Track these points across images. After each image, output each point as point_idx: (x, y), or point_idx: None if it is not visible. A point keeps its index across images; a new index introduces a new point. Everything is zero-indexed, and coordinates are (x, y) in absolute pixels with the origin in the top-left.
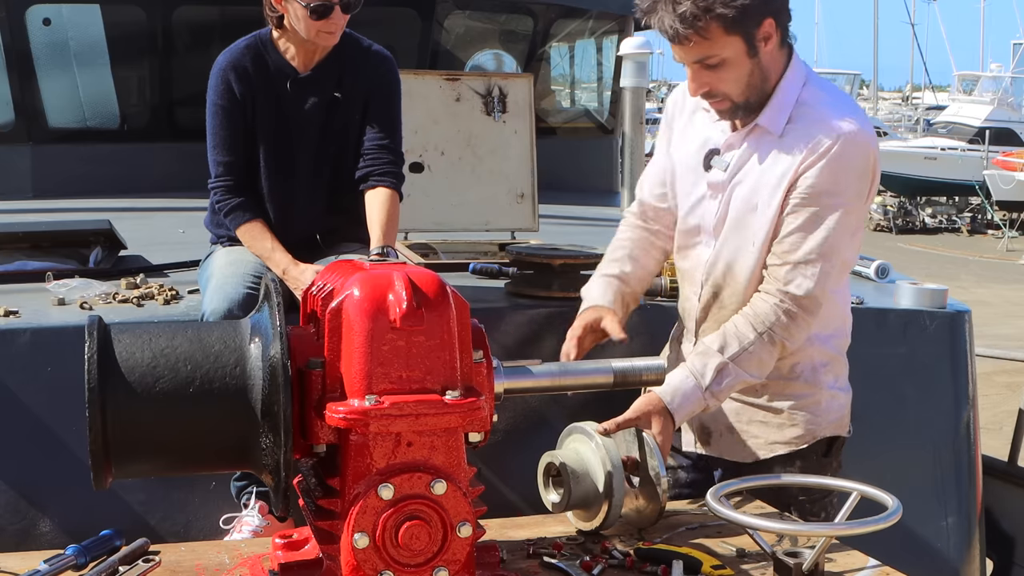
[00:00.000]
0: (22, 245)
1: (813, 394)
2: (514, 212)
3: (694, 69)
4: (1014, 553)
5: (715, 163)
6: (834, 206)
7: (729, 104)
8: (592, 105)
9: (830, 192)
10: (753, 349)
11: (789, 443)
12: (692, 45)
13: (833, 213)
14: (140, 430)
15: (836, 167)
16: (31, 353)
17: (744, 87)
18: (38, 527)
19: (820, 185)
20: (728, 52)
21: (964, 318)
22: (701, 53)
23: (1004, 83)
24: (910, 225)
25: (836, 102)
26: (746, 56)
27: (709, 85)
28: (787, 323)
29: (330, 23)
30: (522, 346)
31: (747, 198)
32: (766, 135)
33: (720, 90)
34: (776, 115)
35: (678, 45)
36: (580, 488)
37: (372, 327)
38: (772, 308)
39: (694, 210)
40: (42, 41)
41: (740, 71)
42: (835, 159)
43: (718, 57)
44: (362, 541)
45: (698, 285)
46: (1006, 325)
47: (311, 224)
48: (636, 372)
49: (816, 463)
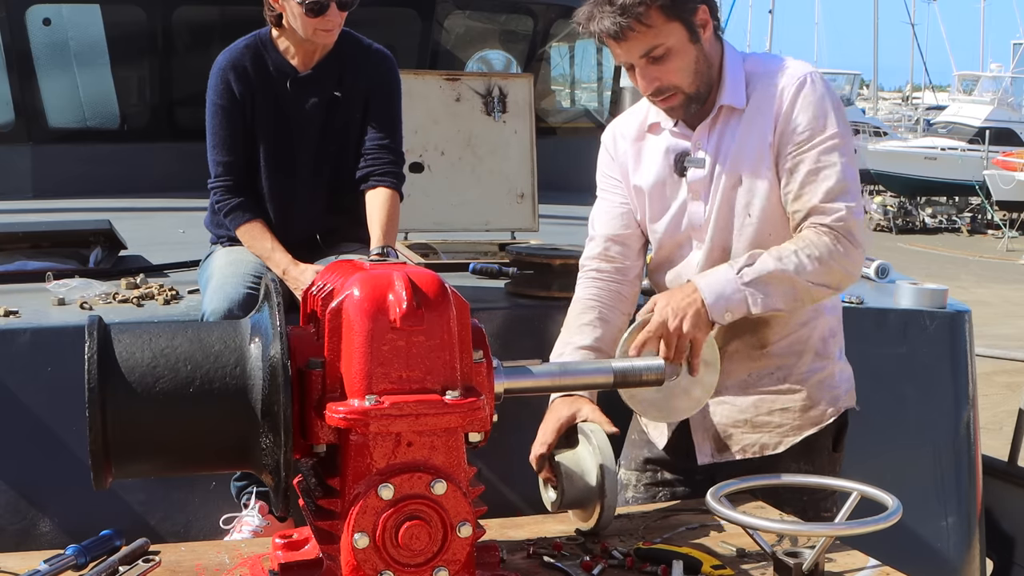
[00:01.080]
0: (22, 245)
1: (826, 366)
2: (514, 212)
3: (641, 65)
4: (1014, 553)
5: (690, 163)
6: (830, 144)
7: (681, 97)
8: (592, 105)
9: (818, 130)
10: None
11: (814, 423)
12: (636, 37)
13: (832, 151)
14: (140, 430)
15: (810, 105)
16: (31, 353)
17: (693, 75)
18: (38, 527)
19: (806, 126)
20: (672, 40)
21: (964, 318)
22: (646, 44)
23: (1004, 83)
24: (910, 225)
25: (780, 60)
26: (689, 42)
27: (659, 79)
28: (835, 247)
29: (327, 20)
30: (522, 346)
31: (729, 174)
32: (732, 114)
33: (671, 82)
34: (735, 90)
35: (622, 41)
36: (574, 488)
37: (372, 327)
38: (817, 232)
39: (676, 220)
40: (42, 41)
41: (686, 59)
42: (807, 97)
43: (663, 46)
44: (362, 541)
45: None
46: (1006, 325)
47: (311, 224)
48: (636, 372)
49: (827, 459)
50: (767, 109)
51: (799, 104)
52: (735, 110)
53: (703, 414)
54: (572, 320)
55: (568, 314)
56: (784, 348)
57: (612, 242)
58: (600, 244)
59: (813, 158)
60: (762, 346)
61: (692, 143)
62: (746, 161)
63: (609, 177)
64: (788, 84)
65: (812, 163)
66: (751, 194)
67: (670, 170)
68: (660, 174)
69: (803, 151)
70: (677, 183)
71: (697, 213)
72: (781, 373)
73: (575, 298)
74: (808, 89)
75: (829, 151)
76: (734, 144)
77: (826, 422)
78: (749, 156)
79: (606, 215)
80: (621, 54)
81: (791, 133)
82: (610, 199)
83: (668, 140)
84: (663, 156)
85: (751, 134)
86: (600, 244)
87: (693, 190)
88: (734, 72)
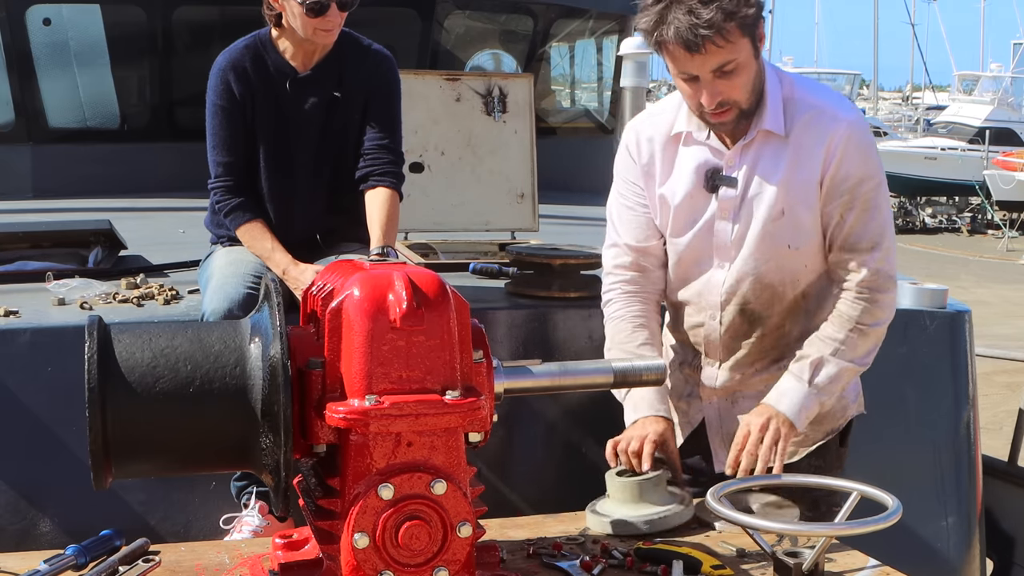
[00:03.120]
0: (22, 245)
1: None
2: (514, 212)
3: (709, 79)
4: (1014, 553)
5: (721, 182)
6: (874, 189)
7: (735, 112)
8: (592, 105)
9: (866, 178)
10: (847, 343)
11: (827, 432)
12: (714, 51)
13: (876, 195)
14: (140, 430)
15: (858, 152)
16: (31, 353)
17: (751, 91)
18: (38, 527)
19: (855, 174)
20: (743, 55)
21: (964, 318)
22: (721, 59)
23: (1004, 83)
24: (910, 225)
25: (817, 90)
26: (753, 58)
27: (723, 94)
28: (871, 309)
29: (326, 20)
30: (522, 346)
31: (771, 205)
32: (771, 139)
33: (732, 98)
34: (775, 116)
35: (696, 54)
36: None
37: (372, 327)
38: (852, 304)
39: (700, 235)
40: (42, 41)
41: (750, 74)
42: (854, 146)
43: (735, 62)
44: (362, 541)
45: (715, 308)
46: (1006, 325)
47: (311, 224)
48: (636, 372)
49: (835, 454)
50: (816, 149)
51: (851, 151)
52: (772, 135)
53: (720, 422)
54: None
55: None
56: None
57: (640, 253)
58: (628, 253)
59: (860, 207)
60: (780, 359)
61: (725, 161)
62: (792, 195)
63: (630, 183)
64: (841, 133)
65: (858, 212)
66: (795, 229)
67: (699, 185)
68: (689, 188)
69: (852, 199)
70: (706, 199)
71: (724, 232)
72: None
73: (616, 312)
74: (860, 137)
75: (874, 199)
76: (778, 175)
77: (838, 430)
78: (796, 191)
79: (632, 223)
80: (690, 67)
81: (842, 180)
82: (633, 207)
83: (700, 155)
84: (694, 171)
85: (799, 170)
86: (628, 253)
87: (723, 209)
88: (773, 96)
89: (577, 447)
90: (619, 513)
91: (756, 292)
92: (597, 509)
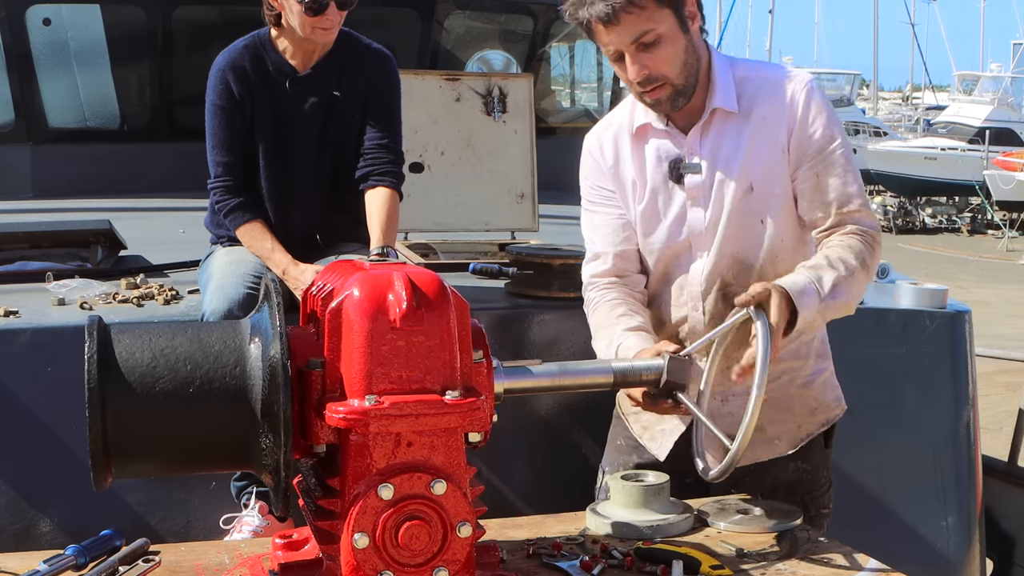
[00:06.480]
0: (22, 245)
1: (827, 367)
2: (514, 212)
3: (631, 51)
4: (1014, 553)
5: (685, 169)
6: (843, 146)
7: (669, 89)
8: (592, 105)
9: (830, 138)
10: (856, 273)
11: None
12: (628, 20)
13: (847, 153)
14: (140, 430)
15: (817, 107)
16: (31, 353)
17: (682, 66)
18: (38, 527)
19: (818, 137)
20: (662, 26)
21: (964, 318)
22: (638, 28)
23: (1004, 83)
24: (910, 225)
25: (776, 66)
26: (679, 31)
27: (649, 67)
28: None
29: (325, 19)
30: (522, 346)
31: (739, 182)
32: (729, 119)
33: (660, 72)
34: (726, 93)
35: (614, 25)
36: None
37: (372, 327)
38: (859, 240)
39: (674, 228)
40: (42, 41)
41: (676, 48)
42: (815, 102)
43: (654, 32)
44: (362, 541)
45: (697, 299)
46: (1006, 325)
47: (311, 224)
48: (636, 372)
49: (820, 455)
50: (776, 117)
51: (812, 112)
52: (730, 114)
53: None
54: (604, 316)
55: (595, 316)
56: (790, 353)
57: (619, 258)
58: (607, 261)
59: (835, 165)
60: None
61: (685, 148)
62: (757, 168)
63: (598, 187)
64: (798, 92)
65: (834, 170)
66: (765, 202)
67: (663, 178)
68: (657, 183)
69: (823, 158)
70: (671, 191)
71: (697, 220)
72: (787, 377)
73: (595, 303)
74: (818, 97)
75: (845, 157)
76: (740, 151)
77: (832, 421)
78: (760, 163)
79: (606, 229)
80: (611, 40)
81: (808, 140)
82: (606, 211)
83: (658, 145)
84: (655, 164)
85: (760, 141)
86: (607, 261)
87: (692, 196)
88: (723, 75)
89: (577, 447)
90: (620, 516)
91: (735, 273)
92: (598, 510)
